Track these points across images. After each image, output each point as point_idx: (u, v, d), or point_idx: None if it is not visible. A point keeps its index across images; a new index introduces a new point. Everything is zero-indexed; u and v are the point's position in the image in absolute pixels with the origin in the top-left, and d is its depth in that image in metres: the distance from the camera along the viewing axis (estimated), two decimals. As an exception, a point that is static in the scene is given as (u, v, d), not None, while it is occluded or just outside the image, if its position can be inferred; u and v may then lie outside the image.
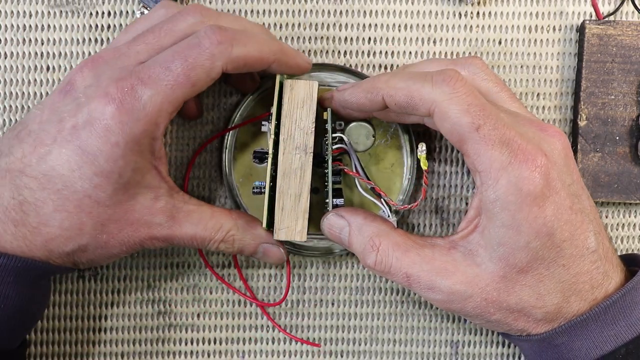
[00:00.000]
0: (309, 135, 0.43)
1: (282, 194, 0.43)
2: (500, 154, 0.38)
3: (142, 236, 0.41)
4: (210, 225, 0.43)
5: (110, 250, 0.41)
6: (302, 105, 0.43)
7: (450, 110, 0.38)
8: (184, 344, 0.49)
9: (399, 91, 0.40)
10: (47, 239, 0.39)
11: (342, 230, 0.43)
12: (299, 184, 0.43)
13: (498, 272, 0.39)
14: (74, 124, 0.39)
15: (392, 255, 0.41)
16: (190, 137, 0.48)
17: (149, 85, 0.38)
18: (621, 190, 0.47)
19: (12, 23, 0.48)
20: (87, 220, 0.39)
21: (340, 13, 0.49)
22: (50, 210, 0.39)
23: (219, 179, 0.49)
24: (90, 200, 0.39)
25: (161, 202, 0.41)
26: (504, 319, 0.40)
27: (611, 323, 0.40)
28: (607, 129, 0.47)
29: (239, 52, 0.40)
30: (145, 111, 0.38)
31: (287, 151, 0.43)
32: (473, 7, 0.49)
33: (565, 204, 0.39)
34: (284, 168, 0.43)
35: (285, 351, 0.49)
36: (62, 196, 0.39)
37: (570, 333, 0.40)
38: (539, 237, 0.38)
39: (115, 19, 0.48)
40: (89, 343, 0.49)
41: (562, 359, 0.41)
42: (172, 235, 0.42)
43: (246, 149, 0.47)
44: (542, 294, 0.40)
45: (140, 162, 0.40)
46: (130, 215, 0.40)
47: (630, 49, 0.47)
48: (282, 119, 0.43)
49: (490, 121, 0.38)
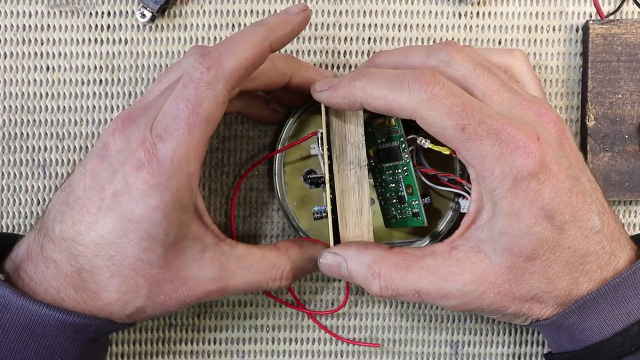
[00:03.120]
0: (361, 148, 0.43)
1: (343, 211, 0.43)
2: (491, 147, 0.38)
3: (198, 294, 0.41)
4: (262, 268, 0.42)
5: (168, 309, 0.41)
6: (350, 120, 0.43)
7: (431, 116, 0.38)
8: (184, 344, 0.49)
9: (376, 100, 0.39)
10: (106, 303, 0.40)
11: (340, 267, 0.42)
12: (358, 199, 0.43)
13: (505, 263, 0.39)
14: (113, 191, 0.39)
15: (395, 277, 0.40)
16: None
17: (167, 139, 0.38)
18: (633, 189, 0.47)
19: (12, 23, 0.48)
20: (142, 282, 0.40)
21: (340, 13, 0.49)
22: (107, 276, 0.39)
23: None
24: (143, 263, 0.39)
25: (209, 253, 0.41)
26: (519, 310, 0.40)
27: (622, 301, 0.39)
28: (615, 128, 0.47)
29: (231, 63, 0.38)
30: (174, 166, 0.38)
31: (341, 168, 0.43)
32: (473, 7, 0.49)
33: (564, 187, 0.38)
34: (341, 185, 0.43)
35: (285, 351, 0.50)
36: (115, 262, 0.39)
37: (580, 313, 0.40)
38: (539, 221, 0.38)
39: (115, 19, 0.48)
40: (89, 343, 0.49)
41: (574, 339, 0.40)
42: (227, 286, 0.42)
43: (294, 172, 0.47)
44: (552, 278, 0.39)
45: (184, 217, 0.39)
46: (182, 273, 0.40)
47: (636, 47, 0.47)
48: (331, 137, 0.42)
49: (474, 118, 0.38)
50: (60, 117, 0.49)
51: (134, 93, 0.49)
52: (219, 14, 0.49)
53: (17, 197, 0.49)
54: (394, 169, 0.44)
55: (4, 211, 0.49)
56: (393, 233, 0.47)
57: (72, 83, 0.49)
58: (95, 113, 0.49)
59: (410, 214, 0.44)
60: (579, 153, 0.41)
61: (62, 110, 0.49)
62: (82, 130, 0.49)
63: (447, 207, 0.46)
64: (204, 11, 0.49)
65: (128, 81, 0.49)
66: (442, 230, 0.46)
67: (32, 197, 0.49)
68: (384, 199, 0.46)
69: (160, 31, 0.49)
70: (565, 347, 0.41)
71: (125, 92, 0.49)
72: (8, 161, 0.49)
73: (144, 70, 0.49)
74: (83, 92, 0.49)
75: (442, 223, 0.46)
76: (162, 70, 0.49)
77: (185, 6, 0.49)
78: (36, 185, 0.49)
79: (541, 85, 0.44)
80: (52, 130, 0.49)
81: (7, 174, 0.49)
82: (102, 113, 0.49)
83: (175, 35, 0.49)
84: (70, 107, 0.49)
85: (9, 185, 0.49)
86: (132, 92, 0.49)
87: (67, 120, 0.49)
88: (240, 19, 0.49)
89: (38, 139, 0.49)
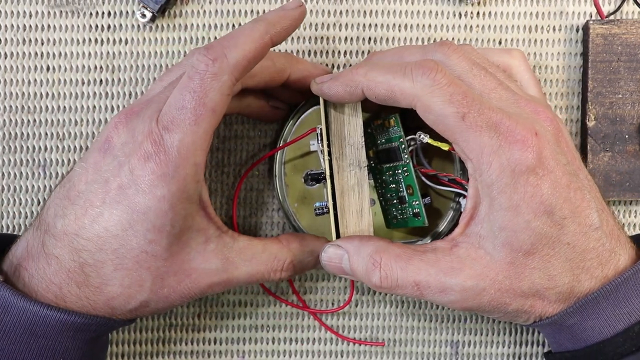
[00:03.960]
0: (361, 149, 0.43)
1: (344, 212, 0.43)
2: (490, 139, 0.38)
3: (201, 286, 0.41)
4: (264, 259, 0.43)
5: (171, 303, 0.41)
6: (349, 121, 0.43)
7: (433, 102, 0.38)
8: (184, 344, 0.49)
9: (378, 85, 0.40)
10: (109, 297, 0.39)
11: (341, 259, 0.42)
12: (358, 200, 0.43)
13: (505, 258, 0.39)
14: (119, 184, 0.39)
15: (395, 267, 0.40)
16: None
17: (174, 130, 0.38)
18: (633, 189, 0.47)
19: (12, 23, 0.48)
20: (146, 275, 0.39)
21: (340, 13, 0.49)
22: (111, 270, 0.39)
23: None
24: (148, 256, 0.39)
25: (212, 245, 0.41)
26: (521, 306, 0.40)
27: (624, 301, 0.39)
28: (616, 128, 0.47)
29: (235, 56, 0.39)
30: (181, 157, 0.38)
31: (341, 169, 0.43)
32: (473, 7, 0.49)
33: (562, 182, 0.38)
34: (341, 186, 0.43)
35: (286, 351, 0.50)
36: (119, 255, 0.39)
37: (582, 312, 0.40)
38: (538, 216, 0.38)
39: (115, 19, 0.48)
40: (89, 343, 0.49)
41: (576, 338, 0.40)
42: (230, 278, 0.42)
43: (295, 172, 0.47)
44: (553, 274, 0.39)
45: (189, 208, 0.39)
46: (186, 266, 0.40)
47: (636, 47, 0.47)
48: (331, 139, 0.43)
49: (475, 107, 0.38)
50: (60, 117, 0.49)
51: (134, 93, 0.49)
52: (219, 14, 0.49)
53: (17, 197, 0.49)
54: (394, 169, 0.44)
55: (4, 211, 0.49)
56: (394, 233, 0.47)
57: (72, 83, 0.49)
58: (95, 113, 0.49)
59: (411, 214, 0.44)
60: (575, 151, 0.41)
61: (62, 110, 0.49)
62: (82, 130, 0.49)
63: (447, 207, 0.46)
64: (204, 11, 0.49)
65: (128, 81, 0.49)
66: (442, 230, 0.46)
67: (32, 197, 0.49)
68: (385, 199, 0.46)
69: (161, 31, 0.49)
70: (566, 346, 0.41)
71: (125, 92, 0.49)
72: (8, 161, 0.49)
73: (144, 70, 0.49)
74: (83, 92, 0.49)
75: (442, 223, 0.46)
76: (162, 70, 0.49)
77: (185, 6, 0.49)
78: (36, 185, 0.49)
79: (539, 84, 0.44)
80: (52, 130, 0.49)
81: (7, 174, 0.49)
82: (102, 113, 0.49)
83: (176, 36, 0.49)
84: (70, 107, 0.49)
85: (9, 185, 0.49)
86: (132, 92, 0.49)
87: (67, 120, 0.49)
88: (240, 19, 0.49)
89: (38, 139, 0.49)
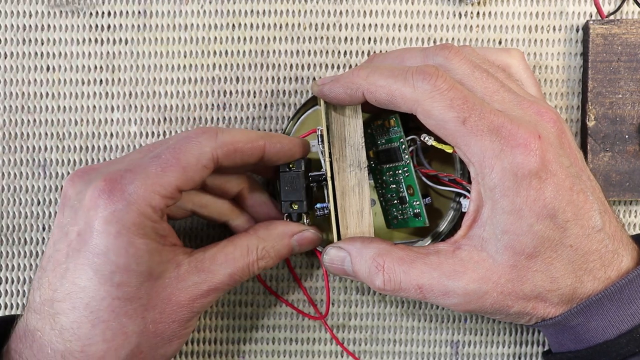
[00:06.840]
0: (361, 150, 0.43)
1: (344, 213, 0.43)
2: (491, 142, 0.38)
3: (183, 303, 0.40)
4: (238, 255, 0.42)
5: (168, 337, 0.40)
6: (349, 122, 0.43)
7: (433, 108, 0.38)
8: (184, 344, 0.49)
9: (379, 89, 0.40)
10: (97, 357, 0.38)
11: (344, 261, 0.42)
12: (359, 200, 0.43)
13: (507, 261, 0.39)
14: (77, 231, 0.38)
15: (399, 270, 0.40)
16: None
17: (137, 172, 0.38)
18: (633, 189, 0.47)
19: (12, 23, 0.48)
20: (126, 321, 0.38)
21: (340, 13, 0.49)
22: (89, 328, 0.38)
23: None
24: (121, 301, 0.38)
25: (184, 266, 0.41)
26: (523, 309, 0.40)
27: (628, 302, 0.39)
28: (616, 128, 0.47)
29: (224, 137, 0.40)
30: (135, 196, 0.38)
31: (341, 170, 0.43)
32: (473, 7, 0.49)
33: (565, 185, 0.38)
34: (341, 187, 0.43)
35: (285, 351, 0.50)
36: (93, 309, 0.37)
37: (585, 313, 0.40)
38: (541, 219, 0.38)
39: (115, 19, 0.48)
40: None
41: (578, 339, 0.40)
42: (212, 287, 0.41)
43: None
44: (555, 277, 0.39)
45: (150, 243, 0.39)
46: (163, 294, 0.39)
47: (636, 47, 0.47)
48: (331, 140, 0.43)
49: (476, 111, 0.38)
50: (60, 117, 0.49)
51: (134, 93, 0.49)
52: (219, 14, 0.49)
53: (17, 197, 0.49)
54: (394, 169, 0.44)
55: (4, 211, 0.49)
56: (394, 234, 0.47)
57: (72, 83, 0.49)
58: (95, 113, 0.49)
59: (411, 214, 0.44)
60: (578, 152, 0.41)
61: (62, 110, 0.49)
62: (82, 130, 0.49)
63: (448, 207, 0.46)
64: (204, 11, 0.49)
65: (128, 81, 0.49)
66: (443, 230, 0.46)
67: (32, 197, 0.49)
68: (385, 200, 0.46)
69: (161, 31, 0.49)
70: (568, 347, 0.41)
71: (125, 92, 0.49)
72: (8, 161, 0.49)
73: (144, 70, 0.49)
74: (83, 92, 0.49)
75: (443, 223, 0.46)
76: (162, 70, 0.49)
77: (185, 6, 0.49)
78: (36, 185, 0.49)
79: (538, 84, 0.44)
80: (52, 130, 0.49)
81: (7, 174, 0.49)
82: (102, 113, 0.49)
83: (175, 35, 0.49)
84: (70, 107, 0.49)
85: (9, 185, 0.49)
86: (132, 92, 0.49)
87: (67, 120, 0.49)
88: (240, 19, 0.49)
89: (38, 139, 0.49)
